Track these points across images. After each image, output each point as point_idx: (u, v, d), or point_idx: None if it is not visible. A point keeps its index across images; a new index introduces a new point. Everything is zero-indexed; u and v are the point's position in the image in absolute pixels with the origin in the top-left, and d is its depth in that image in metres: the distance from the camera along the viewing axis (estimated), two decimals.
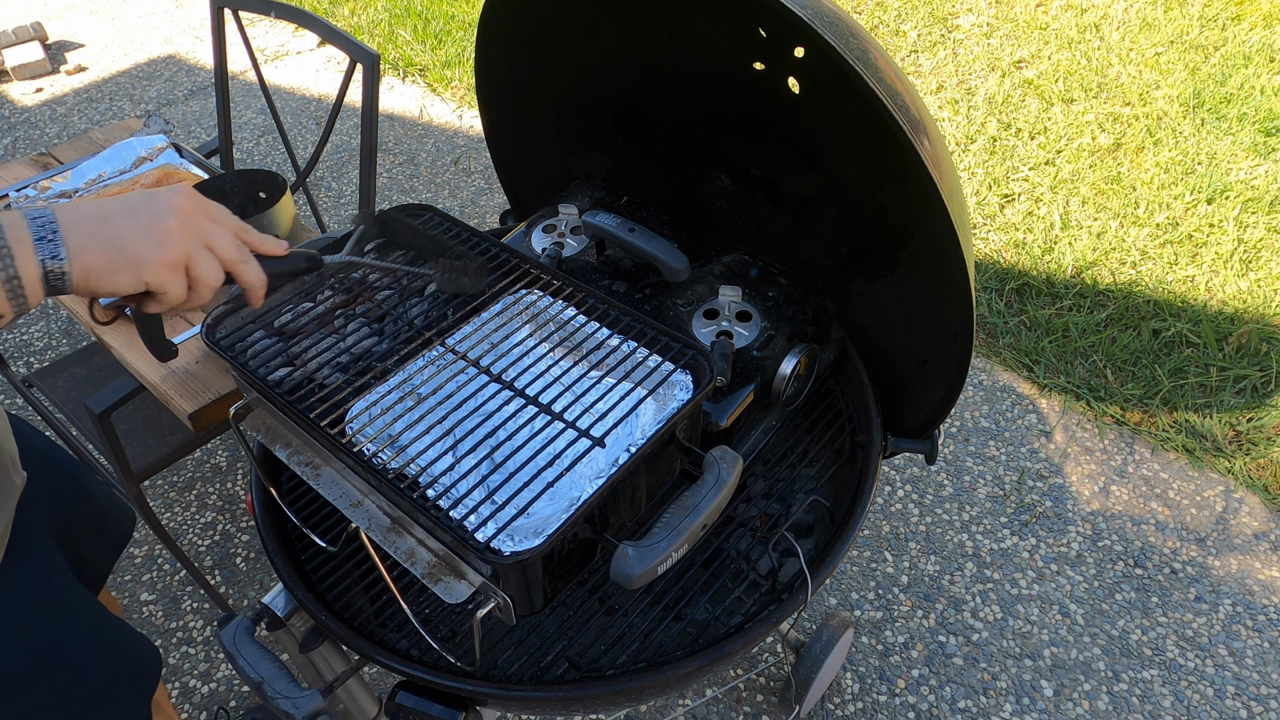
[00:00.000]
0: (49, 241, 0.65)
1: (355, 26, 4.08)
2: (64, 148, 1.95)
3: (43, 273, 0.65)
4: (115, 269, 0.67)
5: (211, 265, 0.72)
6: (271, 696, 0.89)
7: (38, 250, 0.64)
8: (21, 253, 0.64)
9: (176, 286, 0.70)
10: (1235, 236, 2.58)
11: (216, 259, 0.72)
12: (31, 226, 0.64)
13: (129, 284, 0.68)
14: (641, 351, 0.89)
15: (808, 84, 1.00)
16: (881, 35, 3.72)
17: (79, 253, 0.66)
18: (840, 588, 1.85)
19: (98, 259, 0.66)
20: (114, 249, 0.67)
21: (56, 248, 0.65)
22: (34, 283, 0.65)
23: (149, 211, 0.69)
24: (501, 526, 0.72)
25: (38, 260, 0.64)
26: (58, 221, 0.66)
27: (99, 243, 0.67)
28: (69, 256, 0.65)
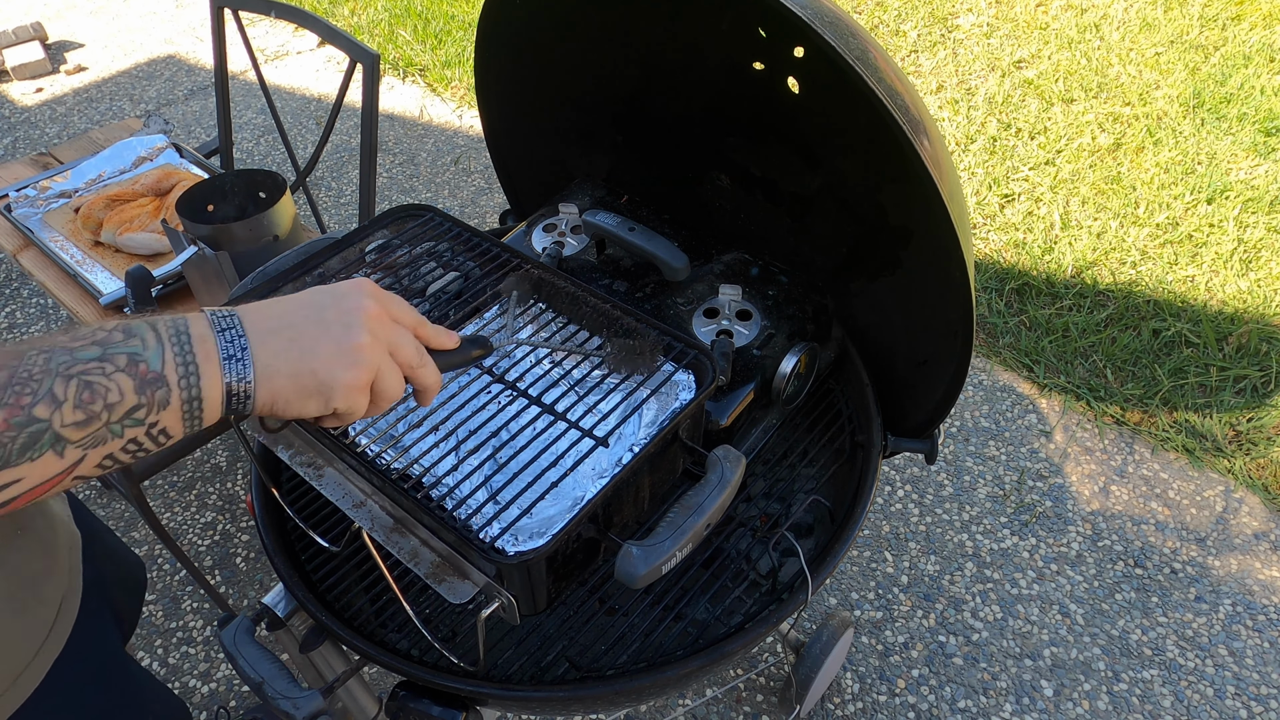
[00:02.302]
0: (237, 361, 0.57)
1: (355, 26, 4.08)
2: (64, 148, 1.95)
3: (226, 395, 0.57)
4: (305, 395, 0.60)
5: (397, 379, 0.64)
6: (271, 696, 0.89)
7: (224, 370, 0.56)
8: (209, 372, 0.56)
9: (363, 406, 0.63)
10: (1235, 236, 2.58)
11: (399, 368, 0.65)
12: (220, 341, 0.57)
13: (316, 409, 0.61)
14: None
15: (808, 84, 1.00)
16: (881, 35, 3.72)
17: (267, 376, 0.58)
18: (840, 588, 1.85)
19: (286, 385, 0.59)
20: (305, 372, 0.59)
21: (245, 368, 0.57)
22: (214, 405, 0.57)
23: (340, 321, 0.61)
24: (505, 526, 0.72)
25: (223, 381, 0.56)
26: (247, 335, 0.58)
27: (288, 364, 0.59)
28: (256, 378, 0.57)
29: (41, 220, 1.69)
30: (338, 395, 0.60)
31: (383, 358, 0.63)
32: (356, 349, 0.61)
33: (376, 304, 0.64)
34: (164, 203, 1.68)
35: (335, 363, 0.60)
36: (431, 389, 0.68)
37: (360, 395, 0.62)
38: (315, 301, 0.62)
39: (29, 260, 1.63)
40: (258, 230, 1.34)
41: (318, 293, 0.63)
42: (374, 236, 1.03)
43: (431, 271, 0.99)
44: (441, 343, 0.70)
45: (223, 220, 1.41)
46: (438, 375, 0.68)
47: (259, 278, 0.99)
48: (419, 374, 0.66)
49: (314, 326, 0.61)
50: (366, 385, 0.62)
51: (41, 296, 2.71)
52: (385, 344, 0.63)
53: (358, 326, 0.61)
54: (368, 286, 0.65)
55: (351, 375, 0.60)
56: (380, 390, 0.63)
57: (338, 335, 0.61)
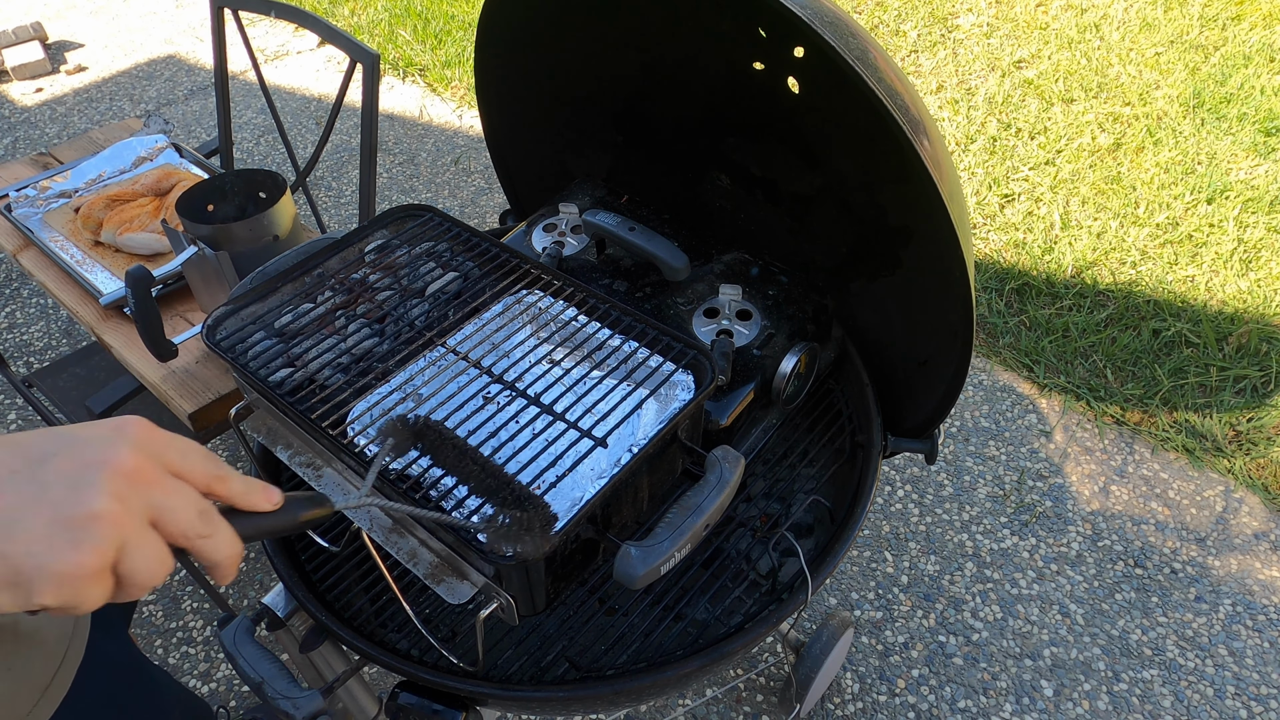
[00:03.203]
0: None
1: (355, 26, 4.08)
2: (64, 148, 1.95)
3: None
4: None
5: (155, 557, 0.47)
6: (271, 696, 0.89)
7: None
8: None
9: (95, 597, 0.45)
10: (1235, 236, 2.58)
11: (162, 541, 0.48)
12: None
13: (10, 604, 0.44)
14: (643, 351, 0.89)
15: (808, 84, 1.00)
16: (881, 35, 3.72)
17: None
18: (840, 588, 1.85)
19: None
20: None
21: None
22: None
23: (66, 479, 0.45)
24: None
25: None
26: None
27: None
28: None
29: (41, 220, 1.69)
30: (44, 586, 0.43)
31: (132, 531, 0.46)
32: (84, 520, 0.44)
33: (135, 455, 0.47)
34: (164, 203, 1.68)
35: (45, 542, 0.43)
36: (225, 564, 0.51)
37: (87, 585, 0.44)
38: (37, 449, 0.46)
39: (29, 260, 1.63)
40: (258, 230, 1.34)
41: (47, 435, 0.47)
42: (374, 236, 1.03)
43: (431, 271, 0.99)
44: (253, 503, 0.53)
45: (223, 220, 1.41)
46: (234, 547, 0.51)
47: (259, 278, 0.99)
48: (201, 547, 0.49)
49: (20, 486, 0.44)
50: (99, 570, 0.44)
51: (41, 296, 2.71)
52: (142, 511, 0.46)
53: (94, 488, 0.45)
54: (131, 429, 0.48)
55: (71, 558, 0.43)
56: (128, 573, 0.46)
57: (56, 499, 0.44)
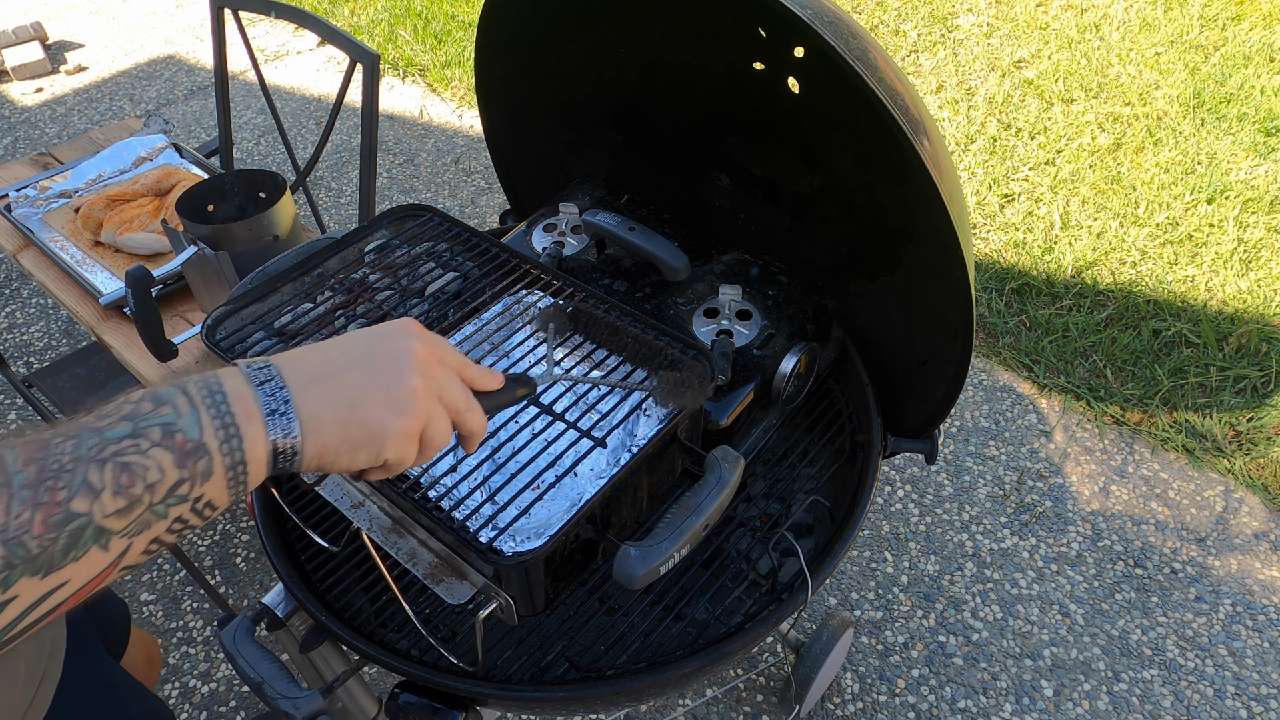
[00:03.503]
0: (281, 416, 0.52)
1: (355, 26, 4.08)
2: (64, 148, 1.95)
3: (271, 453, 0.52)
4: (355, 447, 0.55)
5: (445, 425, 0.60)
6: (271, 696, 0.89)
7: (268, 427, 0.52)
8: (252, 432, 0.51)
9: (412, 455, 0.59)
10: (1235, 236, 2.58)
11: (446, 414, 0.60)
12: (260, 396, 0.52)
13: (366, 460, 0.56)
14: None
15: (808, 84, 1.00)
16: (881, 35, 3.72)
17: (314, 429, 0.53)
18: (840, 588, 1.85)
19: (334, 437, 0.54)
20: (354, 423, 0.55)
21: (290, 423, 0.52)
22: (260, 467, 0.52)
23: (390, 366, 0.57)
24: (503, 527, 0.72)
25: (268, 440, 0.52)
26: (288, 386, 0.53)
27: (336, 414, 0.54)
28: (303, 434, 0.53)
29: (41, 220, 1.69)
30: (389, 445, 0.56)
31: (433, 403, 0.59)
32: (408, 394, 0.57)
33: (424, 346, 0.60)
34: (164, 203, 1.68)
35: (386, 410, 0.56)
36: (478, 434, 0.64)
37: (411, 444, 0.58)
38: (360, 344, 0.58)
39: (29, 260, 1.63)
40: (258, 230, 1.34)
41: (362, 335, 0.59)
42: (374, 236, 1.03)
43: (431, 271, 0.99)
44: (486, 384, 0.66)
45: (223, 220, 1.41)
46: (484, 420, 0.64)
47: (259, 277, 0.99)
48: (466, 419, 0.62)
49: (360, 372, 0.56)
50: (417, 433, 0.58)
51: (41, 296, 2.71)
52: (434, 388, 0.59)
53: (407, 370, 0.57)
54: (413, 327, 0.61)
55: (403, 423, 0.56)
56: (429, 438, 0.59)
57: (387, 380, 0.56)
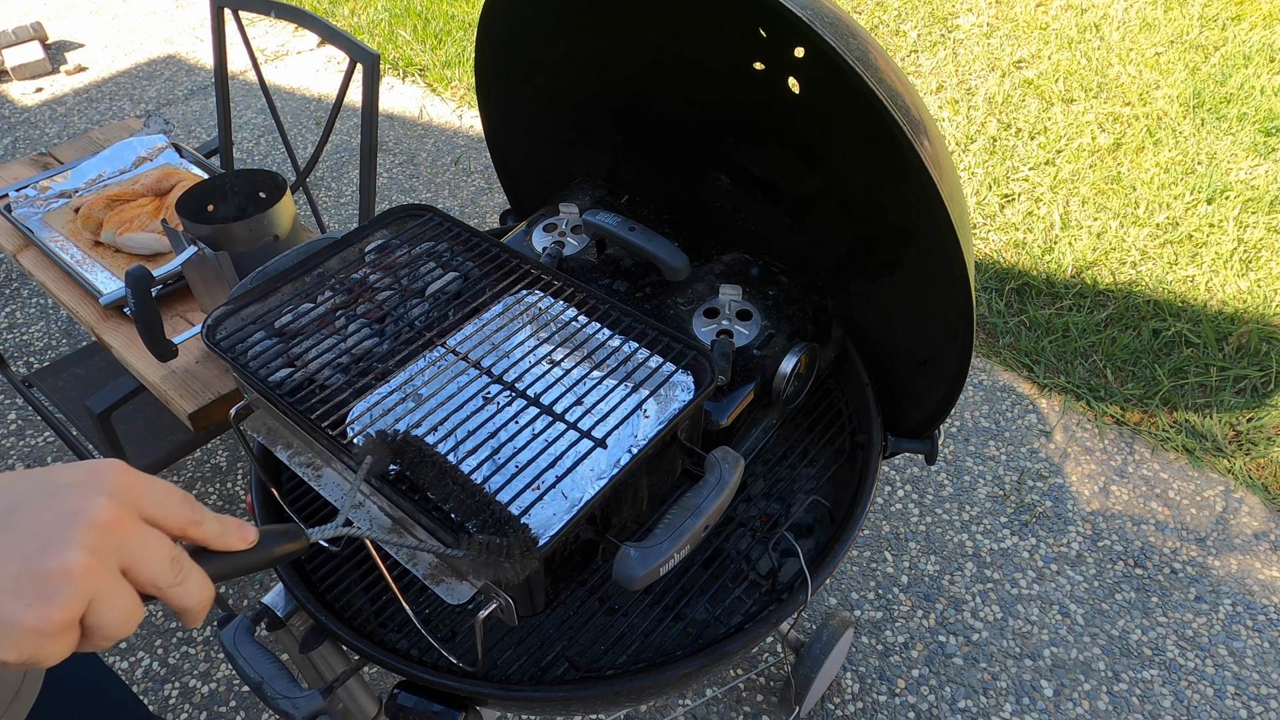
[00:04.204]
0: None
1: (355, 26, 4.08)
2: (64, 148, 1.95)
3: None
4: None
5: (124, 605, 0.46)
6: (271, 696, 0.89)
7: None
8: None
9: (60, 651, 0.44)
10: (1235, 236, 2.58)
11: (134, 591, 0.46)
12: None
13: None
14: (643, 352, 0.89)
15: (808, 84, 1.00)
16: (881, 35, 3.72)
17: None
18: (840, 588, 1.85)
19: None
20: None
21: None
22: None
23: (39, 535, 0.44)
24: None
25: None
26: None
27: None
28: None
29: (41, 220, 1.69)
30: (5, 643, 0.42)
31: (103, 583, 0.44)
32: (55, 576, 0.43)
33: (112, 504, 0.46)
34: (164, 203, 1.68)
35: (10, 595, 0.42)
36: (194, 610, 0.50)
37: (53, 641, 0.43)
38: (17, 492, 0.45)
39: (29, 260, 1.63)
40: (258, 230, 1.34)
41: (19, 481, 0.46)
42: (374, 236, 1.03)
43: (431, 271, 0.99)
44: (228, 543, 0.52)
45: (223, 220, 1.41)
46: (204, 592, 0.50)
47: (259, 277, 0.99)
48: (175, 595, 0.48)
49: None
50: (65, 625, 0.43)
51: (41, 296, 2.71)
52: (114, 561, 0.45)
53: (66, 542, 0.43)
54: (108, 476, 0.47)
55: (37, 614, 0.42)
56: (95, 625, 0.45)
57: (26, 552, 0.43)
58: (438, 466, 0.73)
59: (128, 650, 1.81)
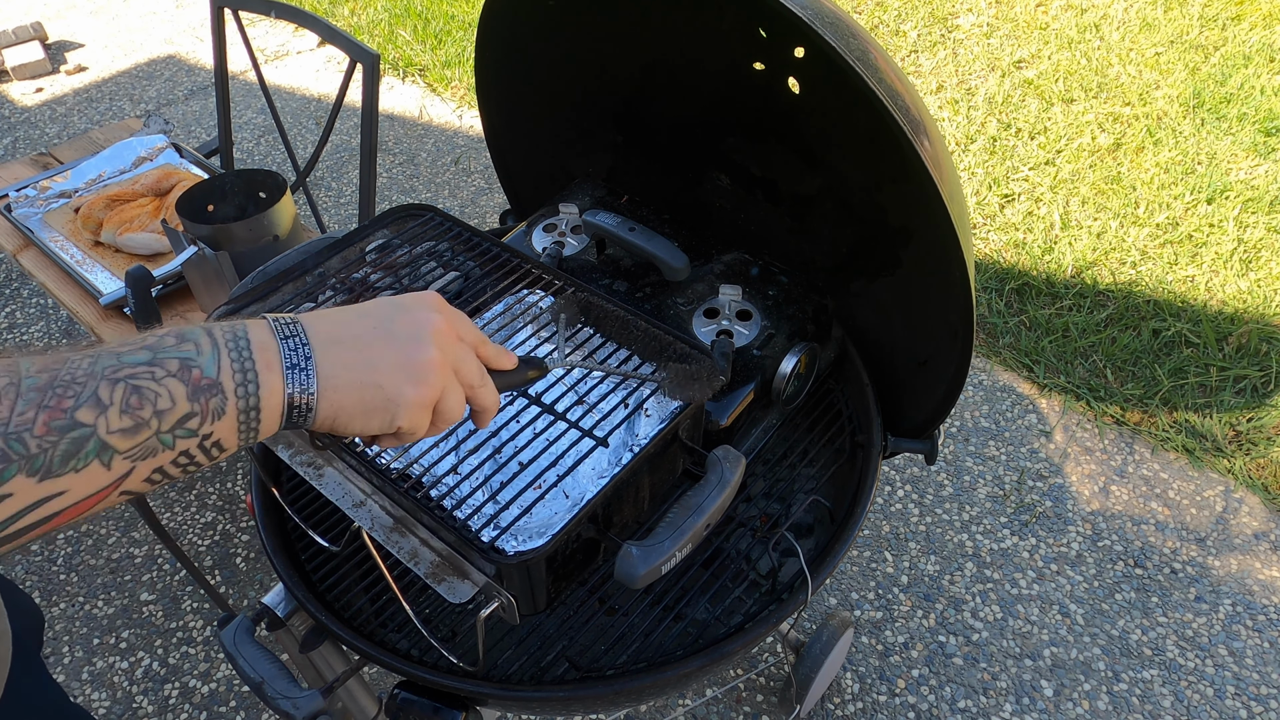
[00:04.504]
0: (300, 370, 0.53)
1: (355, 26, 4.08)
2: (64, 148, 1.95)
3: (286, 406, 0.53)
4: (369, 410, 0.56)
5: (459, 399, 0.61)
6: (271, 696, 0.89)
7: (286, 380, 0.53)
8: (270, 381, 0.52)
9: (425, 426, 0.60)
10: (1235, 236, 2.58)
11: (461, 388, 0.61)
12: (283, 349, 0.53)
13: (379, 426, 0.57)
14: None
15: (808, 84, 1.00)
16: (881, 35, 3.72)
17: (331, 387, 0.54)
18: (840, 588, 1.85)
19: (350, 398, 0.55)
20: (370, 386, 0.56)
21: (308, 379, 0.53)
22: (273, 416, 0.53)
23: (409, 335, 0.58)
24: (505, 526, 0.72)
25: (285, 392, 0.53)
26: (311, 344, 0.54)
27: (354, 376, 0.55)
28: (320, 390, 0.54)
29: (41, 220, 1.69)
30: (403, 412, 0.57)
31: (449, 375, 0.60)
32: (425, 364, 0.58)
33: (445, 319, 0.61)
34: (164, 203, 1.68)
35: (403, 377, 0.57)
36: (490, 410, 0.65)
37: (424, 413, 0.59)
38: (383, 312, 0.59)
39: (29, 260, 1.63)
40: (258, 230, 1.34)
41: (385, 304, 0.60)
42: (374, 236, 1.03)
43: (432, 271, 0.99)
44: (501, 363, 0.67)
45: (223, 220, 1.41)
46: (496, 397, 0.65)
47: (259, 277, 0.99)
48: (479, 394, 0.63)
49: (381, 339, 0.57)
50: (431, 403, 0.59)
51: (41, 296, 2.71)
52: (451, 361, 0.60)
53: (426, 341, 0.58)
54: (435, 301, 0.62)
55: (418, 392, 0.57)
56: (442, 410, 0.60)
57: (406, 349, 0.57)
58: (619, 320, 0.87)
59: (128, 650, 1.81)
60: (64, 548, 2.00)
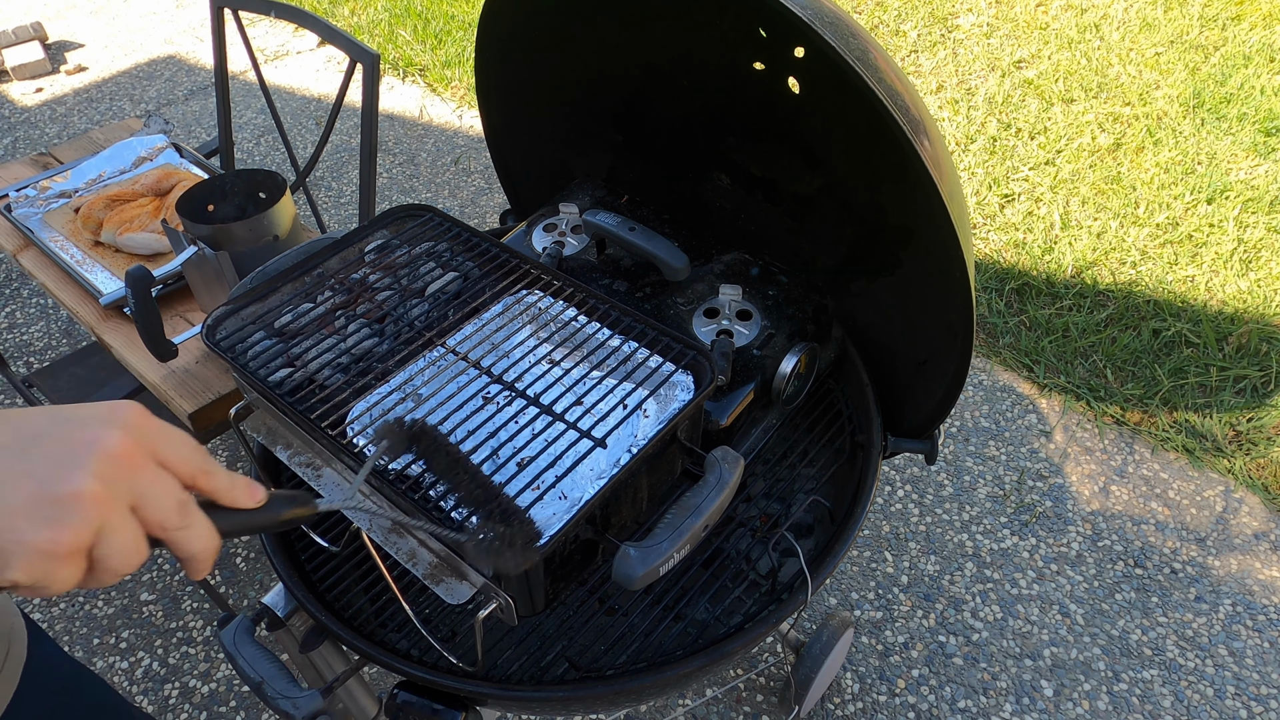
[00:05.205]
0: None
1: (355, 26, 4.08)
2: (64, 148, 1.95)
3: None
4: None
5: (128, 542, 0.47)
6: (271, 696, 0.89)
7: None
8: None
9: (65, 578, 0.46)
10: (1235, 236, 2.58)
11: (141, 529, 0.48)
12: None
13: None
14: (643, 352, 0.89)
15: (808, 84, 1.00)
16: (881, 35, 3.72)
17: None
18: (840, 588, 1.85)
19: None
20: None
21: None
22: None
23: (54, 457, 0.45)
24: None
25: None
26: None
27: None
28: None
29: (41, 220, 1.69)
30: (18, 561, 0.44)
31: (112, 514, 0.46)
32: (66, 499, 0.44)
33: (125, 439, 0.47)
34: (164, 203, 1.68)
35: (25, 515, 0.44)
36: (199, 558, 0.51)
37: (60, 565, 0.45)
38: (36, 424, 0.47)
39: (29, 260, 1.63)
40: (258, 230, 1.34)
41: (39, 415, 0.48)
42: (374, 236, 1.03)
43: (431, 271, 0.99)
44: (235, 499, 0.54)
45: (223, 220, 1.41)
46: (209, 541, 0.51)
47: (259, 277, 0.99)
48: (179, 538, 0.49)
49: (10, 459, 0.45)
50: (75, 551, 0.45)
51: (41, 296, 2.71)
52: (125, 496, 0.47)
53: (80, 468, 0.45)
54: (125, 414, 0.49)
55: (45, 536, 0.44)
56: (101, 557, 0.46)
57: (42, 476, 0.45)
58: (450, 456, 0.73)
59: (128, 650, 1.81)
60: None
